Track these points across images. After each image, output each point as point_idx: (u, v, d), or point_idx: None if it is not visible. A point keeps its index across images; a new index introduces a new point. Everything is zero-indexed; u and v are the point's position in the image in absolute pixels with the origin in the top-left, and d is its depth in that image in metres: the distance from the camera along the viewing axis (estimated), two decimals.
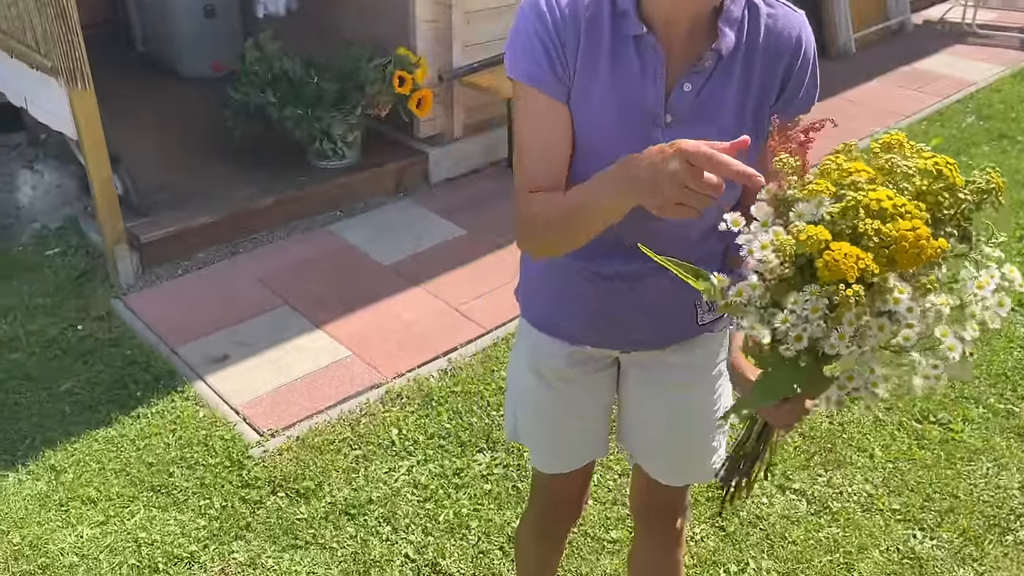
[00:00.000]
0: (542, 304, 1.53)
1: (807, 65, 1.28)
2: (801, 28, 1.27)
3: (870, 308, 0.94)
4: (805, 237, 0.94)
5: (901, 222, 0.93)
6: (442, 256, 3.62)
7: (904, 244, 0.93)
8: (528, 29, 1.24)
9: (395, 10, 3.98)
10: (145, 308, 3.25)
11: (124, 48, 5.45)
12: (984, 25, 6.60)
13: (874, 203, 0.95)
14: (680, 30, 1.22)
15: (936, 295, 0.95)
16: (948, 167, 1.01)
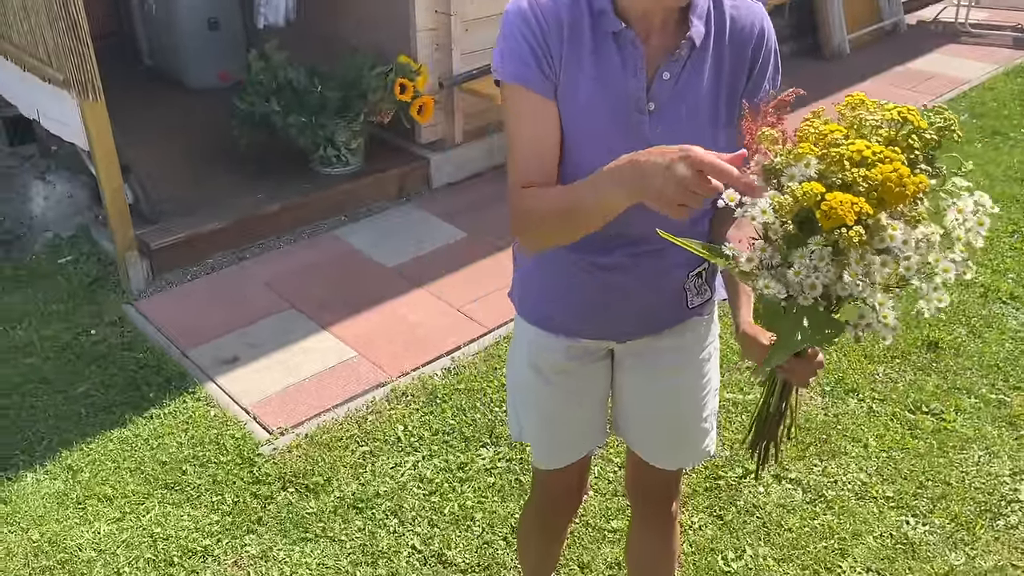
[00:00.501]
0: (537, 300, 1.60)
1: (770, 53, 1.38)
2: (763, 19, 1.37)
3: (870, 247, 1.04)
4: (802, 193, 1.03)
5: (882, 166, 1.03)
6: (444, 259, 3.70)
7: (890, 184, 1.02)
8: (515, 33, 1.32)
9: (396, 19, 4.07)
10: (156, 312, 3.33)
11: (131, 61, 5.55)
12: (977, 24, 6.68)
13: (855, 154, 1.04)
14: (655, 23, 1.32)
15: (925, 226, 1.05)
16: (910, 113, 1.10)
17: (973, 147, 4.77)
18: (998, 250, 3.79)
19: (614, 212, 1.21)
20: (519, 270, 1.62)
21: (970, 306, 3.41)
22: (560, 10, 1.31)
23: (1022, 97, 5.43)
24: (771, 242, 1.09)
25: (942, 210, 1.09)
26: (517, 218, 1.37)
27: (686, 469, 2.29)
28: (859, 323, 1.09)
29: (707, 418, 1.69)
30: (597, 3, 1.31)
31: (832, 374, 3.03)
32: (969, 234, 1.09)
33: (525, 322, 1.63)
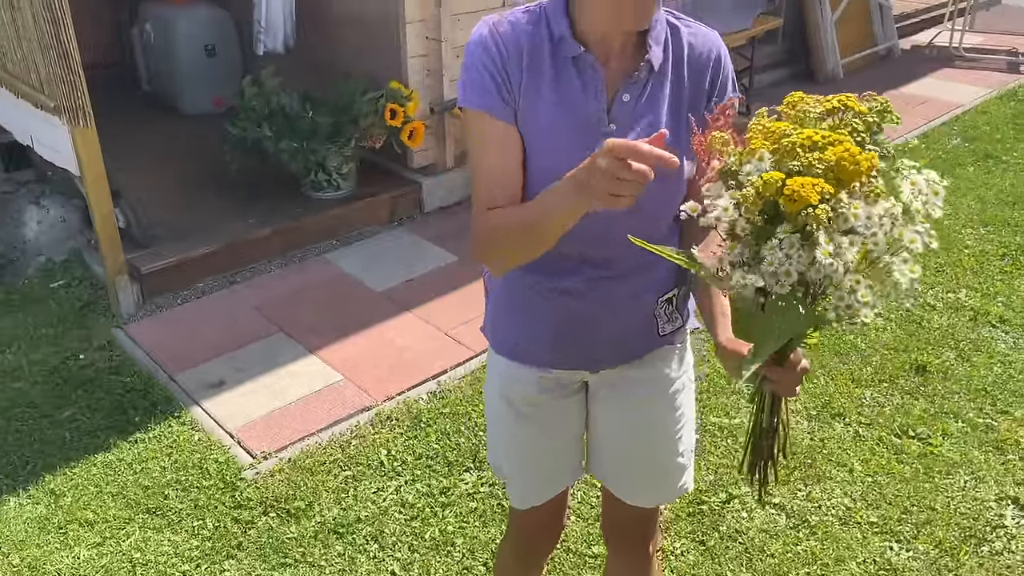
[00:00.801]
0: (507, 331, 1.59)
1: (727, 78, 1.41)
2: (719, 46, 1.41)
3: (836, 228, 1.05)
4: (762, 183, 1.06)
5: (833, 148, 1.06)
6: (434, 282, 3.71)
7: (844, 163, 1.05)
8: (476, 63, 1.35)
9: (388, 46, 4.11)
10: (145, 337, 3.34)
11: (130, 88, 5.61)
12: (971, 48, 6.71)
13: (806, 140, 1.08)
14: (614, 47, 1.35)
15: (884, 200, 1.07)
16: (848, 99, 1.13)
17: (965, 170, 4.78)
18: (988, 273, 3.79)
19: (568, 220, 1.23)
20: (490, 300, 1.63)
21: (959, 329, 3.40)
22: (520, 37, 1.35)
23: (1015, 121, 5.45)
24: (739, 240, 1.11)
25: (897, 188, 1.11)
26: (481, 239, 1.39)
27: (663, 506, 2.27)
28: (838, 305, 1.09)
29: (683, 453, 1.66)
30: (557, 29, 1.34)
31: (819, 398, 3.02)
32: (927, 206, 1.11)
33: (496, 354, 1.62)
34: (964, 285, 3.70)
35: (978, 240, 4.06)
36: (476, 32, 1.37)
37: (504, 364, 1.60)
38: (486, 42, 1.34)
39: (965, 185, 4.60)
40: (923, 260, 1.07)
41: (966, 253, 3.95)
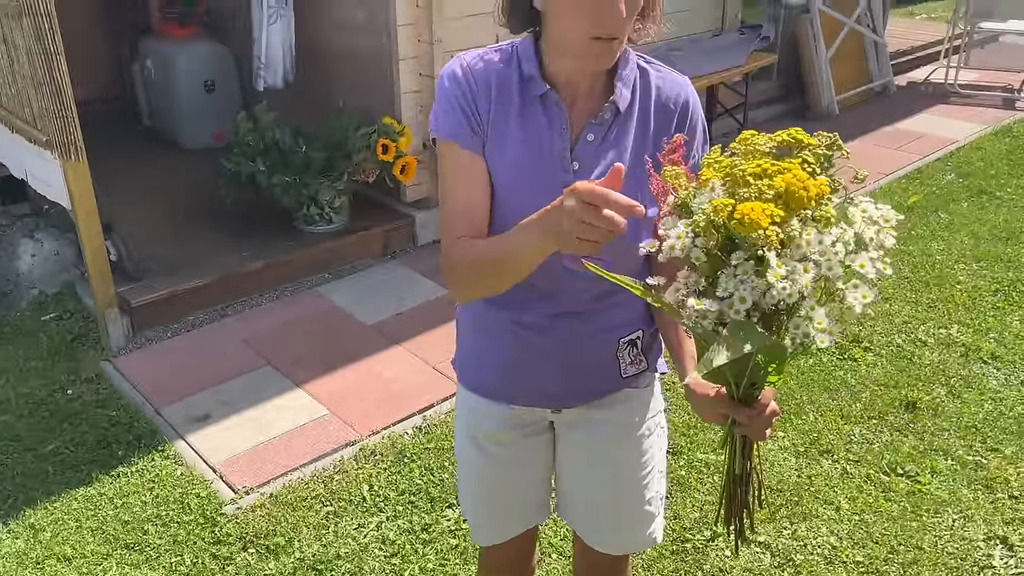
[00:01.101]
0: (472, 365, 1.59)
1: (696, 123, 1.42)
2: (687, 89, 1.42)
3: (789, 255, 1.06)
4: (713, 209, 1.06)
5: (782, 175, 1.07)
6: (424, 316, 3.71)
7: (793, 188, 1.06)
8: (447, 95, 1.38)
9: (382, 82, 4.16)
10: (133, 370, 3.34)
11: (131, 123, 5.67)
12: (967, 85, 6.75)
13: (756, 168, 1.09)
14: (581, 88, 1.37)
15: (836, 227, 1.08)
16: (798, 133, 1.15)
17: (959, 206, 4.78)
18: (980, 309, 3.78)
19: (536, 259, 1.23)
20: (459, 334, 1.63)
21: (950, 365, 3.38)
22: (491, 74, 1.38)
23: (1009, 157, 5.46)
24: (694, 268, 1.12)
25: (850, 217, 1.12)
26: (447, 268, 1.41)
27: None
28: (795, 334, 1.08)
29: (651, 500, 1.63)
30: (526, 68, 1.37)
31: (807, 435, 3.00)
32: (880, 234, 1.11)
33: (464, 389, 1.62)
34: (956, 321, 3.68)
35: (971, 276, 4.05)
36: (448, 67, 1.40)
37: (471, 399, 1.60)
38: (457, 76, 1.37)
39: (959, 221, 4.59)
40: (913, 301, 1.06)
41: (958, 289, 3.94)
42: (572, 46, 1.30)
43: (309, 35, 4.52)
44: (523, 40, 1.39)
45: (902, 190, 4.99)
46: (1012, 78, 6.88)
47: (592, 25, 1.25)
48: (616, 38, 1.28)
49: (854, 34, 6.40)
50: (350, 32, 4.32)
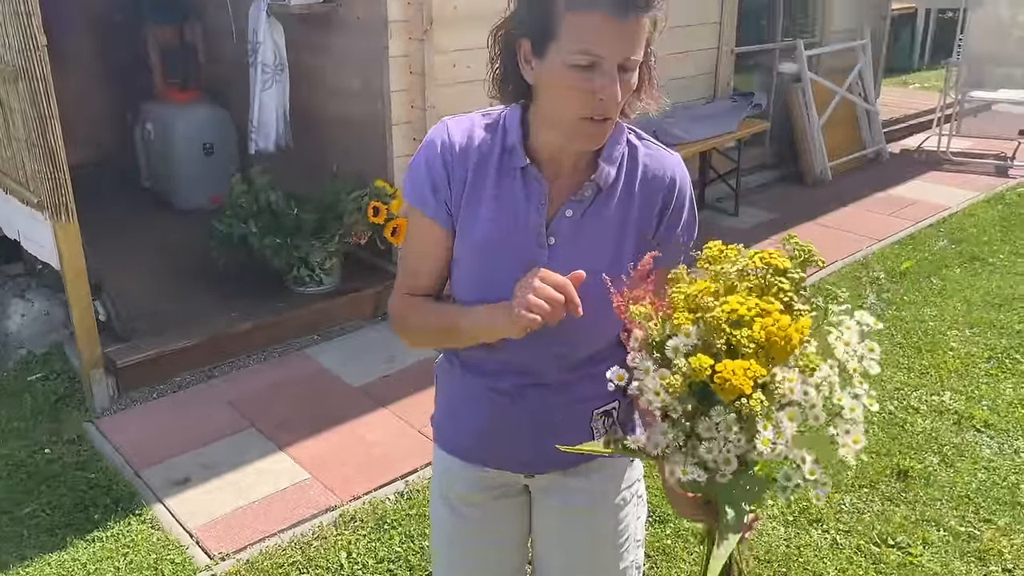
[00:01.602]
0: (448, 425, 1.58)
1: (683, 203, 1.40)
2: (675, 168, 1.40)
3: (773, 406, 1.02)
4: (692, 370, 1.01)
5: (761, 321, 1.01)
6: (412, 378, 3.68)
7: (775, 340, 1.00)
8: (422, 159, 1.39)
9: (376, 146, 4.21)
10: (115, 431, 3.31)
11: (131, 185, 5.73)
12: (959, 153, 6.82)
13: (732, 314, 1.03)
14: (565, 165, 1.36)
15: (820, 370, 1.02)
16: (772, 257, 1.09)
17: (952, 272, 4.78)
18: (973, 376, 3.74)
19: (485, 339, 1.31)
20: (437, 394, 1.62)
21: (943, 433, 3.33)
22: (473, 140, 1.37)
23: (1002, 223, 5.49)
24: (674, 422, 1.06)
25: (831, 348, 1.07)
26: (393, 317, 1.50)
27: None
28: (787, 485, 1.04)
29: (626, 570, 1.60)
30: (510, 139, 1.36)
31: (797, 503, 2.94)
32: (863, 362, 1.07)
33: (439, 449, 1.60)
34: (949, 388, 3.65)
35: (963, 342, 4.03)
36: (432, 130, 1.40)
37: (446, 459, 1.57)
38: (435, 142, 1.38)
39: (951, 287, 4.59)
40: (906, 367, 1.01)
41: (951, 355, 3.91)
42: (561, 125, 1.29)
43: (305, 101, 4.60)
44: (511, 109, 1.37)
45: (895, 255, 4.99)
46: (1004, 146, 6.95)
47: (583, 106, 1.23)
48: (608, 119, 1.26)
49: (846, 102, 6.50)
50: (345, 98, 4.39)
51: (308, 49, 4.54)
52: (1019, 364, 3.84)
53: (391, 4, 3.88)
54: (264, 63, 4.38)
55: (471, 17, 4.13)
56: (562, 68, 1.22)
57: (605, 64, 1.20)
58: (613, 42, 1.19)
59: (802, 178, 6.24)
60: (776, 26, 6.09)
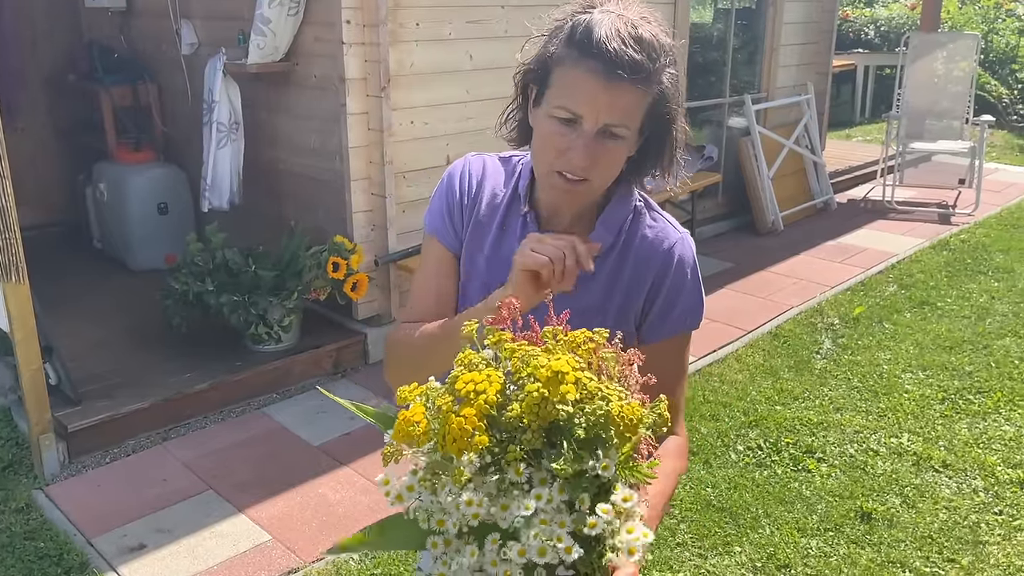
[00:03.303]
0: None
1: (681, 281, 1.32)
2: (676, 243, 1.33)
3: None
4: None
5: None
6: (374, 436, 3.61)
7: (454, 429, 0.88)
8: (441, 190, 1.43)
9: (334, 201, 4.21)
10: (66, 498, 3.20)
11: (82, 246, 5.64)
12: (903, 202, 7.04)
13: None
14: (564, 220, 1.34)
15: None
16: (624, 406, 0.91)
17: (903, 316, 4.89)
18: (929, 417, 3.81)
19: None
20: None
21: (903, 475, 3.37)
22: (487, 179, 1.40)
23: (947, 269, 5.65)
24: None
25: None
26: (390, 346, 1.43)
27: None
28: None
29: None
30: (521, 184, 1.37)
31: (763, 549, 2.94)
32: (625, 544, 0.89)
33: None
34: (906, 430, 3.70)
35: (917, 384, 4.10)
36: (454, 163, 1.44)
37: None
38: (453, 176, 1.42)
39: (903, 331, 4.69)
40: (864, 410, 0.97)
41: (906, 398, 3.98)
42: (539, 174, 1.30)
43: (262, 158, 4.60)
44: (529, 155, 1.35)
45: (847, 301, 5.10)
46: (946, 195, 7.19)
47: (555, 159, 1.22)
48: (584, 180, 1.22)
49: (794, 154, 6.69)
50: (302, 155, 4.40)
51: (264, 107, 4.55)
52: (972, 404, 3.92)
53: (349, 62, 3.92)
54: (219, 122, 4.38)
55: (426, 74, 4.19)
56: (546, 117, 1.23)
57: (585, 123, 1.19)
58: (593, 103, 1.17)
59: (755, 228, 6.37)
60: (724, 82, 6.28)
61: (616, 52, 1.14)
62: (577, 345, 0.96)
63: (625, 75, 1.15)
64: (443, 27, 4.22)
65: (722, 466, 3.42)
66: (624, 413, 0.88)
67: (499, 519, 0.88)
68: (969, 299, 5.13)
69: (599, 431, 0.88)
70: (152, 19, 5.27)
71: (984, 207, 6.91)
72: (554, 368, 0.89)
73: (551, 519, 0.87)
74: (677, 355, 1.36)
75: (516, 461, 0.88)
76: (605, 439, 0.88)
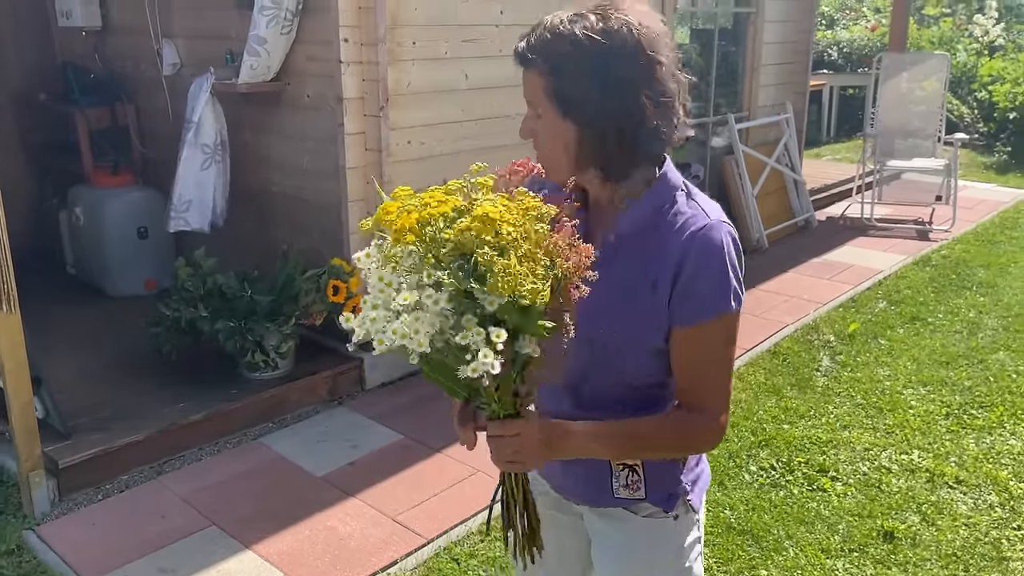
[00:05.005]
0: None
1: (704, 266, 1.34)
2: (703, 229, 1.35)
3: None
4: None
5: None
6: (378, 464, 3.51)
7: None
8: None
9: (330, 223, 4.11)
10: (59, 539, 3.03)
11: (52, 272, 5.43)
12: (882, 219, 7.12)
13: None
14: (601, 200, 1.43)
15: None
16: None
17: (896, 332, 4.91)
18: (936, 433, 3.80)
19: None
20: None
21: (919, 492, 3.35)
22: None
23: (932, 284, 5.70)
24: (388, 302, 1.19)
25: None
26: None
27: None
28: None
29: None
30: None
31: (789, 572, 2.88)
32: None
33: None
34: (915, 446, 3.69)
35: (920, 400, 4.11)
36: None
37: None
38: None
39: (898, 347, 4.70)
40: (871, 427, 0.99)
41: (911, 414, 3.97)
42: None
43: (250, 179, 4.48)
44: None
45: (840, 318, 5.11)
46: (922, 212, 7.30)
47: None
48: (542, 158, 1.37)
49: (775, 172, 6.73)
50: (295, 175, 4.29)
51: (253, 127, 4.44)
52: (976, 419, 3.93)
53: (347, 81, 3.84)
54: (204, 143, 4.25)
55: (423, 94, 4.12)
56: None
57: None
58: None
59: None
60: (709, 102, 6.31)
61: (520, 44, 1.35)
62: (526, 209, 1.18)
63: (518, 61, 1.36)
64: (439, 46, 4.16)
65: (737, 487, 3.37)
66: (509, 269, 1.10)
67: (398, 303, 1.15)
68: (958, 314, 5.18)
69: (486, 270, 1.11)
70: (130, 38, 5.14)
71: (959, 223, 7.02)
72: (485, 210, 1.13)
73: (432, 315, 1.13)
74: (703, 342, 1.37)
75: (428, 265, 1.14)
76: (490, 277, 1.11)
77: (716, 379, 1.40)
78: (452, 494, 3.27)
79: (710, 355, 1.39)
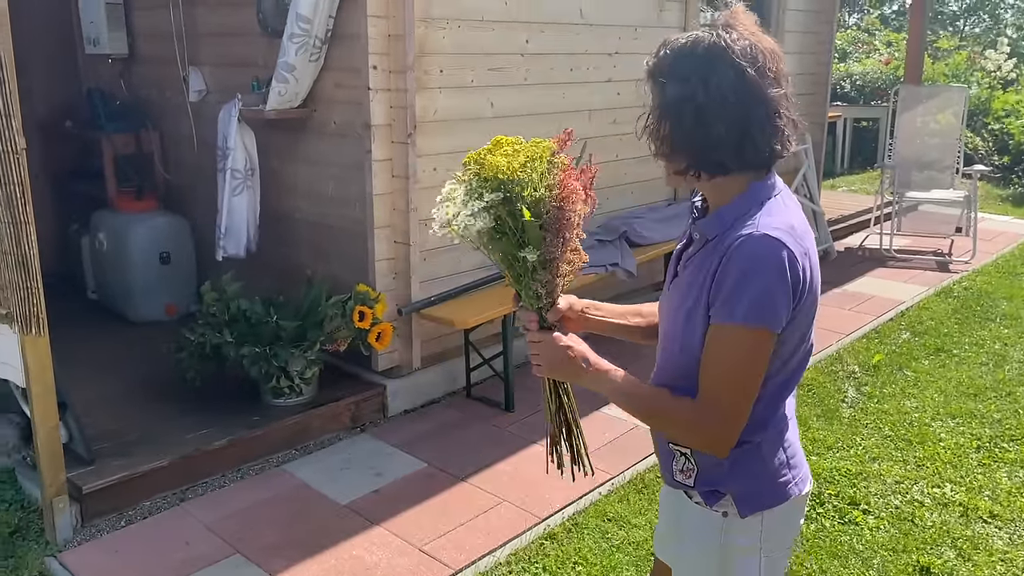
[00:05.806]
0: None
1: (730, 271, 1.42)
2: (743, 238, 1.42)
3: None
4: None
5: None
6: (403, 492, 3.47)
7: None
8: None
9: (354, 249, 4.10)
10: (83, 566, 2.99)
11: (74, 297, 5.44)
12: (901, 250, 7.09)
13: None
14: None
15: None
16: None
17: (921, 364, 4.86)
18: (967, 467, 3.74)
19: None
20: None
21: (953, 526, 3.29)
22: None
23: (955, 316, 5.66)
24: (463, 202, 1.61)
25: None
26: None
27: None
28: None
29: None
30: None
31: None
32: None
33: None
34: (947, 480, 3.63)
35: (950, 433, 4.05)
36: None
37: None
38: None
39: (924, 379, 4.65)
40: (901, 460, 0.97)
41: (942, 447, 3.92)
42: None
43: (276, 205, 4.49)
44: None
45: (864, 349, 5.06)
46: (940, 243, 7.26)
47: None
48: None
49: None
50: (320, 202, 4.30)
51: (280, 153, 4.46)
52: (1008, 453, 3.87)
53: (375, 109, 3.85)
54: (235, 168, 4.27)
55: (450, 121, 4.13)
56: None
57: None
58: None
59: None
60: None
61: (649, 60, 1.52)
62: (553, 154, 1.62)
63: (646, 77, 1.53)
64: (466, 74, 4.18)
65: None
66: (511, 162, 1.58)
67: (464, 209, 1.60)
68: (983, 346, 5.13)
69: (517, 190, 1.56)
70: (156, 66, 5.19)
71: (979, 255, 6.98)
72: (526, 151, 1.61)
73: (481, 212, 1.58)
74: (713, 343, 1.45)
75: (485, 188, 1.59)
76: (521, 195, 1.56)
77: (716, 381, 1.46)
78: (479, 523, 3.23)
79: (712, 356, 1.46)
